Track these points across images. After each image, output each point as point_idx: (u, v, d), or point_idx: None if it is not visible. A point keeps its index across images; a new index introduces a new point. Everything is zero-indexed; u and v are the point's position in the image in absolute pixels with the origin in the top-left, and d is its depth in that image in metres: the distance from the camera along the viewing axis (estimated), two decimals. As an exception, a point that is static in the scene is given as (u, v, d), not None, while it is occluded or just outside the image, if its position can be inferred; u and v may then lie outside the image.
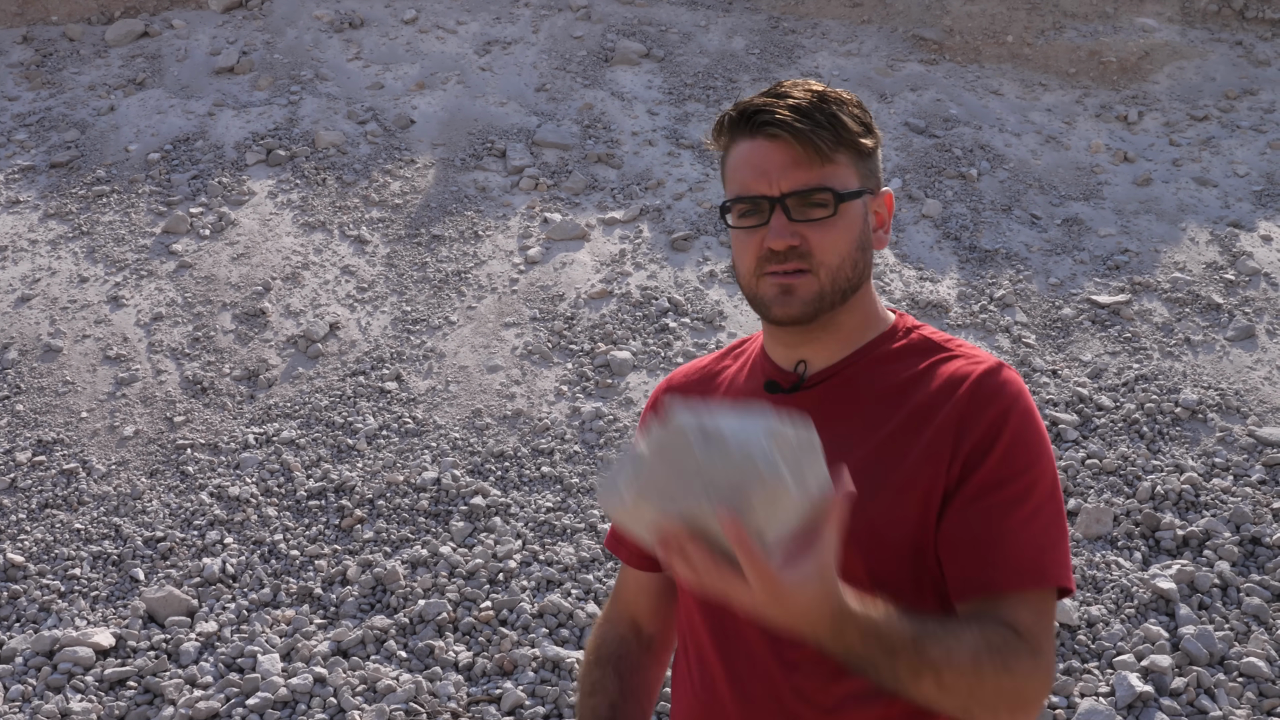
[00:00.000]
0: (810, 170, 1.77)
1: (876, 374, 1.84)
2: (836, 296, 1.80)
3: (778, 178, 1.77)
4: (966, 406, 1.75)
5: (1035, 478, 1.73)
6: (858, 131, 1.81)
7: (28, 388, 6.33)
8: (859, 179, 1.82)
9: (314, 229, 7.43)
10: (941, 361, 1.83)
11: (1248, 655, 4.77)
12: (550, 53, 9.06)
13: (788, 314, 1.80)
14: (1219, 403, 6.19)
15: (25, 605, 5.19)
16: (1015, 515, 1.71)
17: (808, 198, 1.77)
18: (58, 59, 8.95)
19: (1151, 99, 8.91)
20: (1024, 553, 1.70)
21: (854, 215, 1.81)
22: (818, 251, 1.78)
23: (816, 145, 1.76)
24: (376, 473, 5.82)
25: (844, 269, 1.80)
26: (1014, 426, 1.74)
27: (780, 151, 1.78)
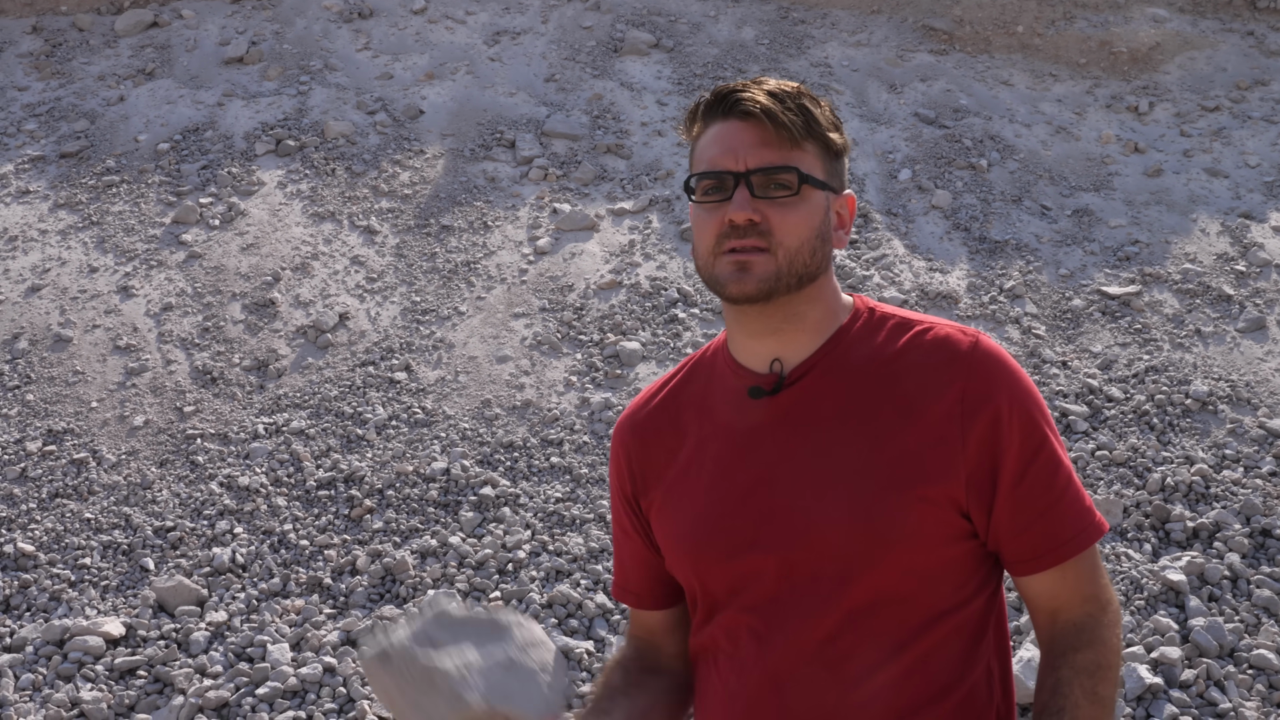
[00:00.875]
0: (778, 150, 1.80)
1: (855, 358, 1.86)
2: (792, 279, 1.81)
3: (744, 155, 1.80)
4: (965, 384, 1.79)
5: (1051, 440, 1.83)
6: (827, 126, 1.84)
7: (38, 377, 6.34)
8: (824, 173, 1.85)
9: (323, 219, 7.43)
10: (919, 337, 1.85)
11: (1258, 647, 4.76)
12: (559, 43, 9.05)
13: (743, 290, 1.79)
14: (1229, 394, 6.18)
15: (36, 594, 5.20)
16: (1055, 486, 1.82)
17: (773, 175, 1.79)
18: (67, 49, 8.96)
19: (1162, 89, 8.88)
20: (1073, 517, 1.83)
21: (816, 203, 1.83)
22: (778, 230, 1.79)
23: (787, 128, 1.79)
24: (386, 463, 5.82)
25: (802, 252, 1.81)
26: (1021, 398, 1.81)
27: (750, 131, 1.80)
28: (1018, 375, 1.82)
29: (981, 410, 1.77)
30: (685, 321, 6.65)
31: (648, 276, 6.99)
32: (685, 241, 7.27)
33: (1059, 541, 1.81)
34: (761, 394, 1.86)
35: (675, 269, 7.06)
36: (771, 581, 1.83)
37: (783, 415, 1.85)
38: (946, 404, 1.78)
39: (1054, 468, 1.81)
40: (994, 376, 1.80)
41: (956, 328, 1.86)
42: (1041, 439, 1.80)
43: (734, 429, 1.89)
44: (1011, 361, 1.84)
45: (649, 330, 6.61)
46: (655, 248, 7.21)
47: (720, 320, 6.70)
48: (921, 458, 1.77)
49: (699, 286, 6.91)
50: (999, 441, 1.77)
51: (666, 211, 7.51)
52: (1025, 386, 1.82)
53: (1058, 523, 1.81)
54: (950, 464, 1.77)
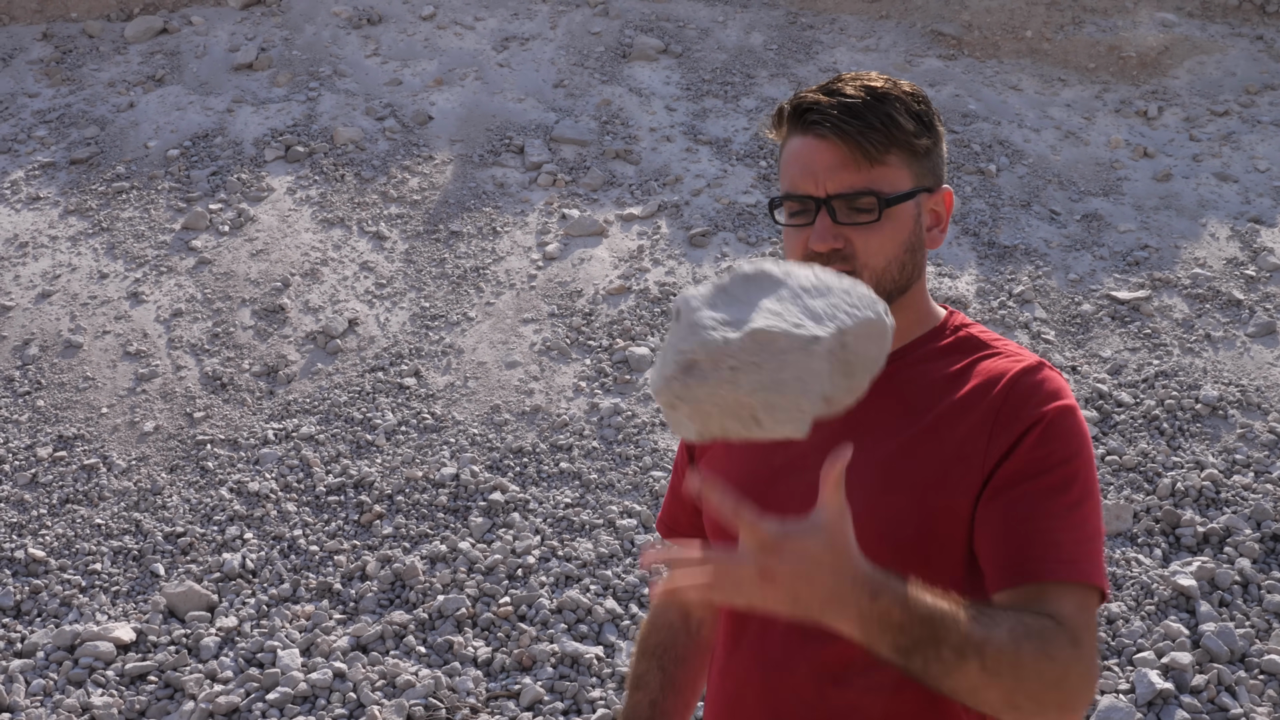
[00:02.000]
0: (857, 172, 1.75)
1: (918, 371, 1.82)
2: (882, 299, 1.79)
3: (824, 179, 1.75)
4: (1003, 404, 1.73)
5: (1075, 470, 1.70)
6: (912, 131, 1.78)
7: (48, 383, 6.36)
8: (913, 178, 1.79)
9: (333, 225, 7.44)
10: (981, 359, 1.81)
11: (1269, 653, 4.75)
12: (568, 49, 9.07)
13: None
14: (1240, 399, 6.17)
15: (47, 600, 5.21)
16: (1056, 505, 1.68)
17: (853, 201, 1.75)
18: (77, 55, 8.99)
19: (1171, 94, 8.88)
20: (1064, 543, 1.67)
21: (903, 218, 1.78)
22: (862, 254, 1.76)
23: (864, 147, 1.74)
24: (395, 468, 5.83)
25: (889, 272, 1.78)
26: (1051, 419, 1.71)
27: (828, 152, 1.75)
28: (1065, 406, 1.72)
29: (1007, 429, 1.71)
30: (694, 327, 6.64)
31: (656, 282, 6.99)
32: (694, 247, 7.27)
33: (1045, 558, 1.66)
34: None
35: (684, 274, 7.06)
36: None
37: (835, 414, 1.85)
38: (980, 424, 1.73)
39: (1063, 493, 1.68)
40: (1032, 400, 1.72)
41: (1022, 354, 1.79)
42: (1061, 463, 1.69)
43: None
44: (1067, 394, 1.74)
45: (658, 336, 6.61)
46: (664, 253, 7.22)
47: (729, 325, 6.70)
48: (942, 470, 1.73)
49: (708, 292, 6.91)
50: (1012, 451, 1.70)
51: (675, 217, 7.51)
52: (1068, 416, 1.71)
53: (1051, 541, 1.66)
54: (967, 478, 1.72)
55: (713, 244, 7.30)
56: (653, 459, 5.85)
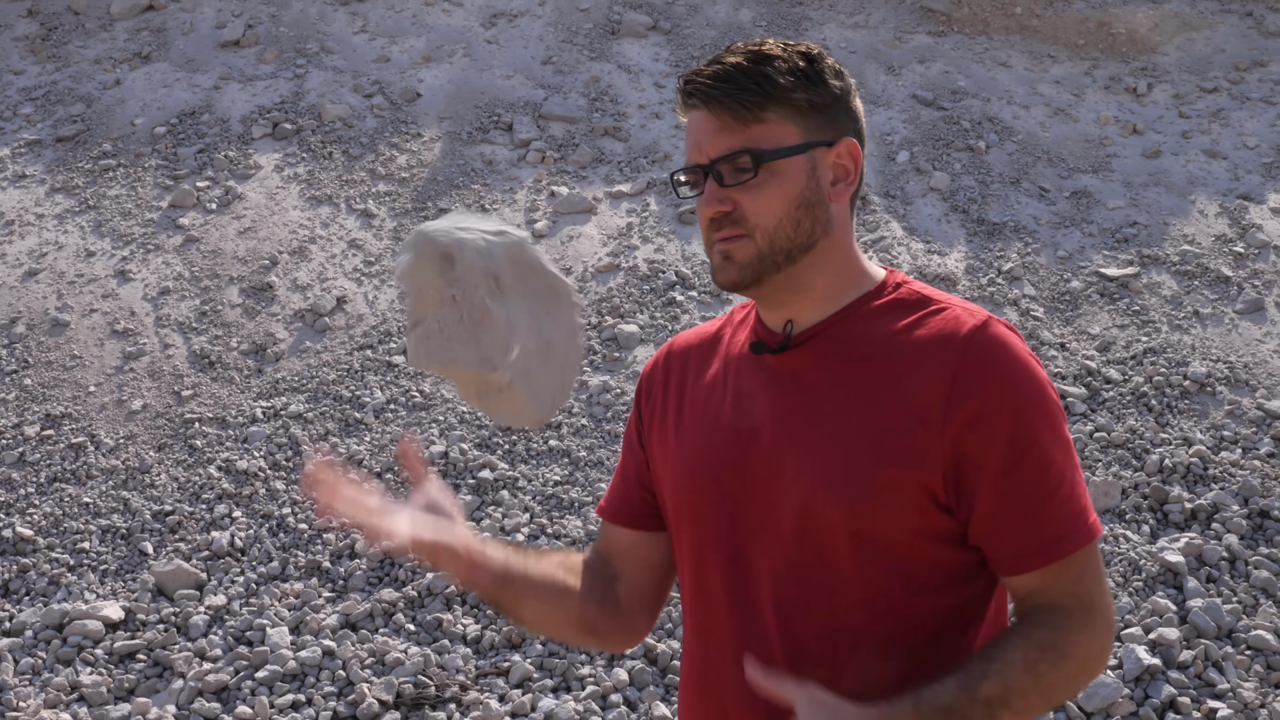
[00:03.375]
0: (733, 134, 1.76)
1: (862, 330, 1.81)
2: (779, 256, 1.78)
3: (705, 146, 1.78)
4: (958, 367, 1.72)
5: (1051, 434, 1.73)
6: (789, 85, 1.77)
7: (35, 362, 6.34)
8: (801, 134, 1.78)
9: (321, 203, 7.42)
10: (928, 316, 1.80)
11: (1256, 628, 4.77)
12: (556, 25, 9.03)
13: (727, 279, 1.80)
14: (1228, 376, 6.18)
15: (35, 579, 5.21)
16: (1046, 483, 1.72)
17: (733, 161, 1.76)
18: (63, 32, 8.93)
19: (1161, 71, 8.87)
20: (1063, 519, 1.73)
21: (790, 173, 1.77)
22: (750, 215, 1.76)
23: (733, 109, 1.75)
24: (384, 446, 5.82)
25: (783, 228, 1.77)
26: (1017, 387, 1.72)
27: (706, 120, 1.78)
28: (1020, 365, 1.74)
29: (969, 398, 1.70)
30: (683, 304, 6.64)
31: (645, 259, 6.98)
32: (683, 224, 7.26)
33: (1043, 544, 1.72)
34: (763, 350, 1.85)
35: (673, 251, 7.05)
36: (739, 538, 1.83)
37: (780, 375, 1.84)
38: (936, 386, 1.72)
39: (1045, 466, 1.72)
40: (991, 363, 1.72)
41: (968, 309, 1.79)
42: (1033, 435, 1.71)
43: (736, 380, 1.89)
44: (1019, 350, 1.75)
45: (647, 313, 6.61)
46: (653, 230, 7.21)
47: (718, 303, 6.70)
48: (899, 438, 1.72)
49: (697, 269, 6.90)
50: (983, 433, 1.70)
51: (664, 194, 7.50)
52: (1026, 377, 1.73)
53: (1043, 524, 1.72)
54: (927, 449, 1.71)
55: (702, 221, 7.29)
56: (642, 436, 5.85)
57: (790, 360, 1.84)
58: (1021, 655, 1.66)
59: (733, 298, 6.71)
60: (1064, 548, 1.72)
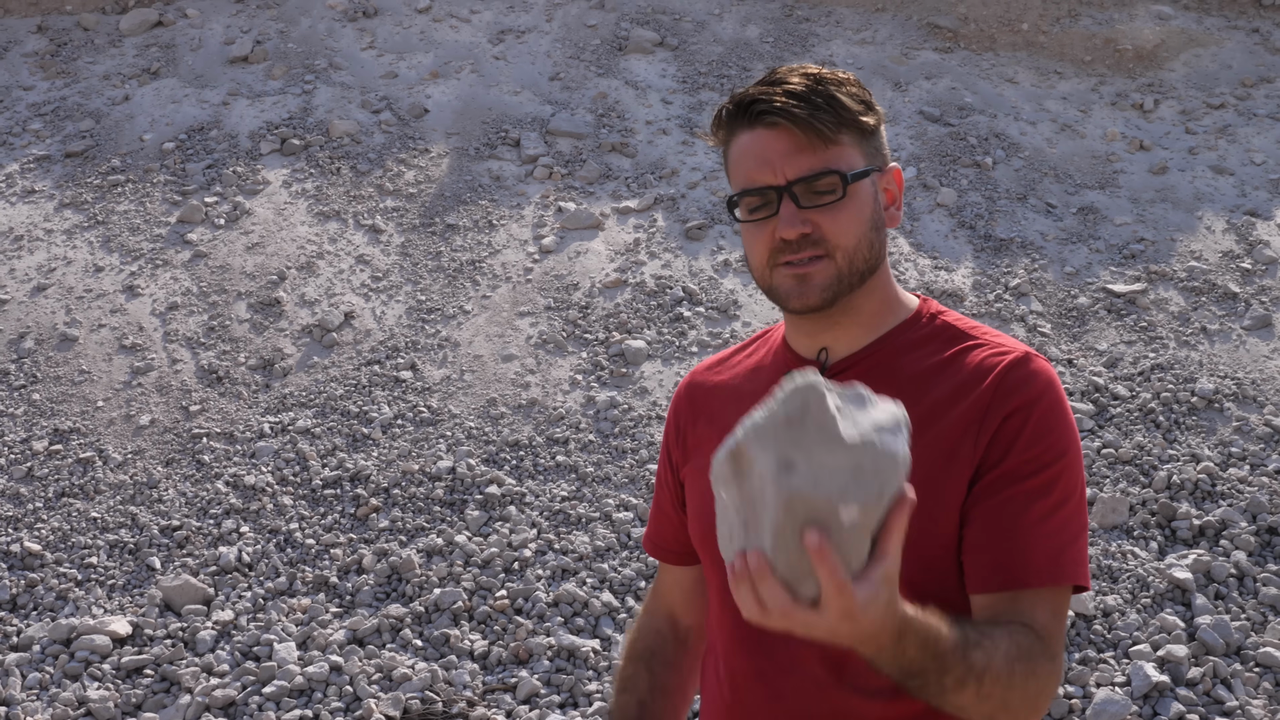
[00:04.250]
0: (814, 154, 1.74)
1: (900, 362, 1.81)
2: (855, 279, 1.77)
3: (782, 166, 1.74)
4: (992, 398, 1.72)
5: (1060, 470, 1.71)
6: (857, 110, 1.77)
7: (44, 377, 6.35)
8: (864, 158, 1.78)
9: (328, 218, 7.43)
10: (967, 350, 1.79)
11: (1264, 645, 4.76)
12: (564, 41, 9.05)
13: (806, 303, 1.77)
14: (1235, 392, 6.17)
15: (42, 594, 5.21)
16: (1036, 509, 1.69)
17: (814, 183, 1.74)
18: (72, 48, 8.97)
19: (1167, 87, 8.87)
20: (1044, 549, 1.69)
21: (864, 195, 1.77)
22: (831, 235, 1.75)
23: (817, 129, 1.73)
24: (392, 462, 5.83)
25: (860, 250, 1.77)
26: (1040, 415, 1.71)
27: (782, 139, 1.74)
28: (1054, 401, 1.72)
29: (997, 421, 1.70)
30: (690, 320, 6.64)
31: (653, 275, 6.99)
32: (690, 240, 7.27)
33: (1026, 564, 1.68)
34: None
35: (680, 267, 7.05)
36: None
37: None
38: (970, 417, 1.72)
39: (1045, 495, 1.69)
40: (1021, 392, 1.71)
41: (1011, 344, 1.78)
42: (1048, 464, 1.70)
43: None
44: (1056, 389, 1.74)
45: (654, 329, 6.61)
46: (660, 246, 7.21)
47: (726, 319, 6.70)
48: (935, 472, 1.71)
49: (704, 285, 6.91)
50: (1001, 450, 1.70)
51: (671, 210, 7.51)
52: (1057, 411, 1.72)
53: (1033, 546, 1.68)
54: (959, 478, 1.71)
55: (709, 237, 7.30)
56: (649, 452, 5.85)
57: None
58: (1006, 649, 1.60)
59: (739, 316, 6.71)
60: (1051, 576, 1.68)
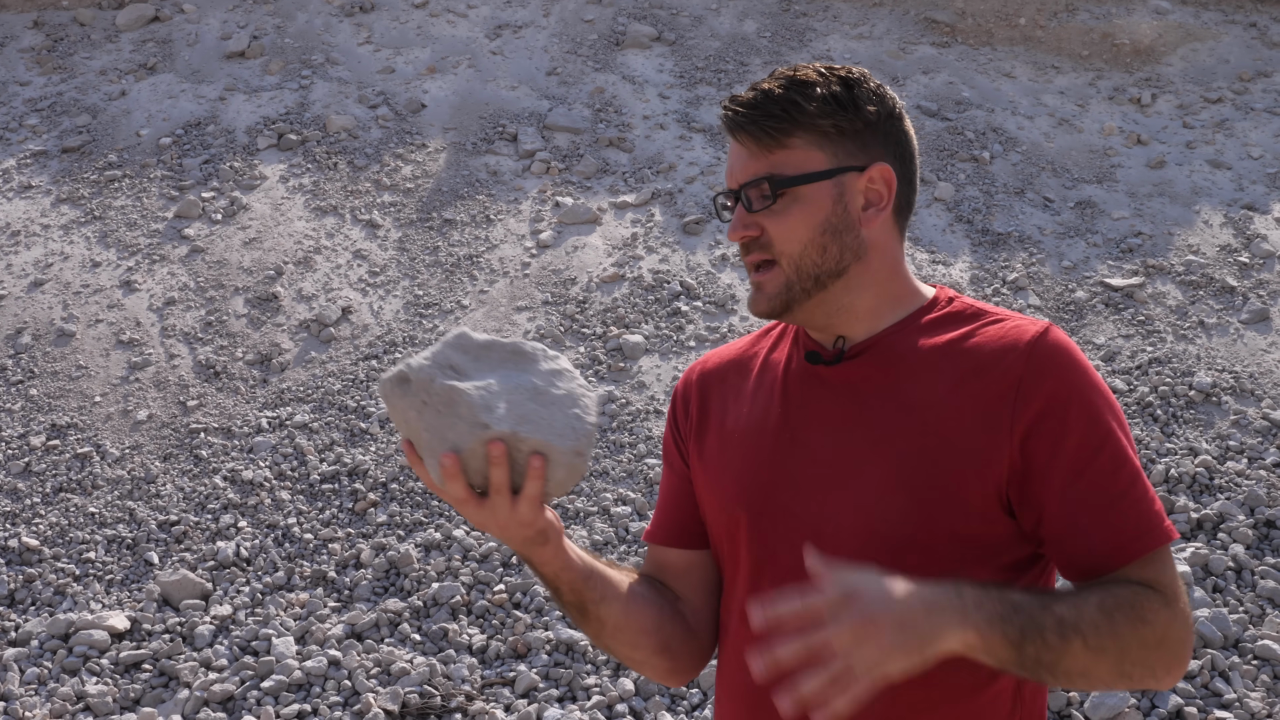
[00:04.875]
0: (757, 161, 1.78)
1: (915, 344, 1.81)
2: (808, 283, 1.78)
3: (736, 172, 1.80)
4: (1024, 370, 1.72)
5: (1118, 437, 1.72)
6: (815, 111, 1.76)
7: (41, 372, 6.34)
8: (829, 159, 1.77)
9: (326, 213, 7.43)
10: (986, 325, 1.79)
11: (1262, 638, 4.76)
12: (561, 36, 9.05)
13: (758, 309, 1.81)
14: (1233, 385, 6.17)
15: (41, 589, 5.21)
16: (1119, 482, 1.70)
17: (756, 188, 1.77)
18: (69, 44, 8.96)
19: (1165, 81, 8.87)
20: (1130, 523, 1.70)
21: (817, 199, 1.76)
22: (776, 240, 1.77)
23: (757, 136, 1.76)
24: (389, 456, 5.82)
25: (809, 255, 1.77)
26: (1084, 390, 1.72)
27: (737, 146, 1.81)
28: (1083, 367, 1.74)
29: (1035, 399, 1.70)
30: (688, 314, 6.64)
31: (650, 269, 6.98)
32: (688, 235, 7.27)
33: (1118, 545, 1.69)
34: (818, 359, 1.84)
35: (678, 262, 7.05)
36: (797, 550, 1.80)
37: (835, 386, 1.83)
38: (1001, 390, 1.71)
39: (1118, 465, 1.70)
40: (1055, 365, 1.72)
41: (1029, 320, 1.78)
42: (1105, 434, 1.71)
43: (784, 393, 1.87)
44: (1080, 356, 1.75)
45: (652, 323, 6.61)
46: (658, 240, 7.21)
47: (723, 313, 6.70)
48: (964, 441, 1.71)
49: (701, 279, 6.91)
50: (1051, 434, 1.70)
51: (669, 204, 7.50)
52: (1090, 379, 1.73)
53: (1119, 525, 1.69)
54: (993, 452, 1.71)
55: (706, 231, 7.30)
56: (646, 446, 5.85)
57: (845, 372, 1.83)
58: (1099, 601, 1.62)
59: (737, 310, 6.71)
60: (1144, 544, 1.70)
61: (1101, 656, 1.61)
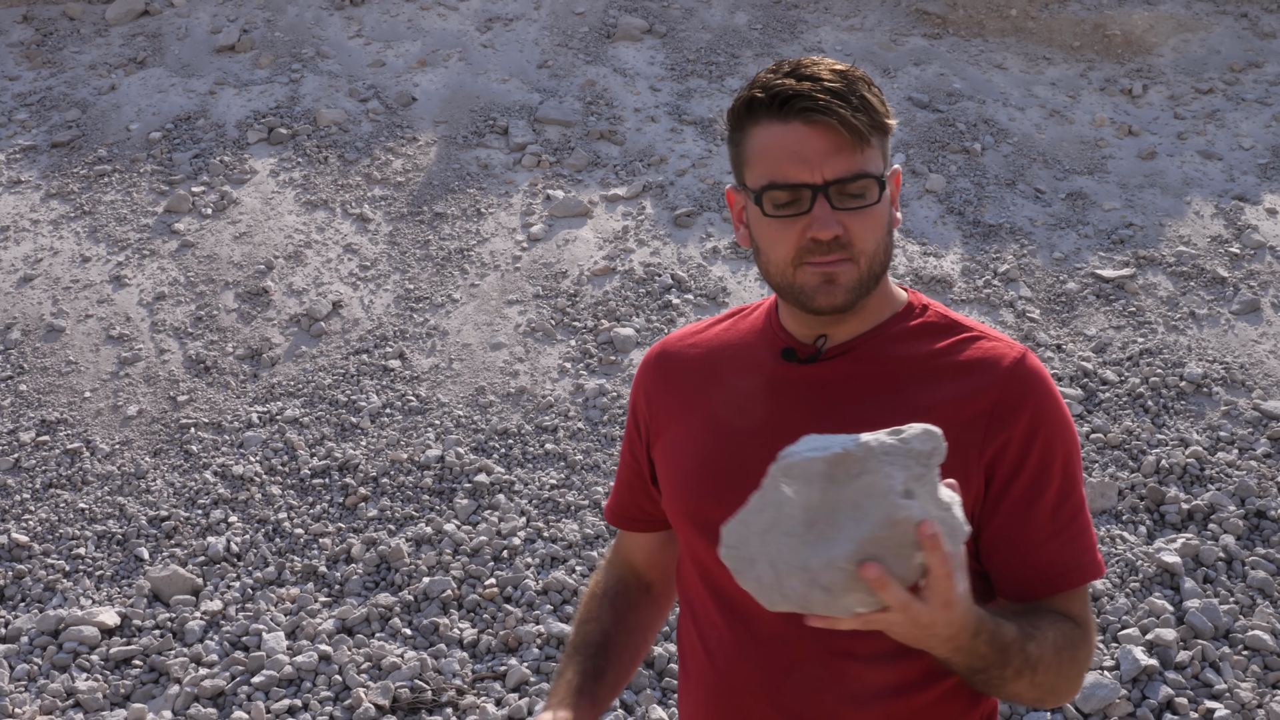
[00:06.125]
0: (851, 157, 1.71)
1: (895, 350, 1.82)
2: (872, 283, 1.77)
3: (820, 165, 1.70)
4: (999, 397, 1.75)
5: (1070, 471, 1.78)
6: (883, 113, 1.76)
7: (31, 368, 6.33)
8: (883, 160, 1.77)
9: (316, 207, 7.41)
10: (963, 344, 1.81)
11: (1253, 629, 4.77)
12: (552, 29, 9.03)
13: (832, 304, 1.75)
14: (1224, 376, 6.18)
15: (30, 585, 5.20)
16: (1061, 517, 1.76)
17: (847, 186, 1.71)
18: (58, 38, 8.93)
19: (1156, 72, 8.87)
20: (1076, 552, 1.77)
21: (885, 200, 1.77)
22: (858, 240, 1.73)
23: (859, 130, 1.70)
24: (380, 451, 5.82)
25: (879, 255, 1.77)
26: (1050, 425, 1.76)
27: (820, 137, 1.70)
28: (1053, 399, 1.78)
29: (1007, 427, 1.73)
30: (679, 307, 6.64)
31: (641, 263, 6.98)
32: (679, 228, 7.26)
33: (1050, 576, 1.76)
34: (793, 357, 1.84)
35: (669, 255, 7.04)
36: None
37: (805, 384, 1.83)
38: (975, 411, 1.74)
39: (1063, 500, 1.76)
40: (1029, 397, 1.75)
41: (1006, 341, 1.81)
42: (1060, 469, 1.76)
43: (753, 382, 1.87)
44: (1051, 384, 1.79)
45: (643, 316, 6.60)
46: (649, 234, 7.20)
47: (715, 305, 6.69)
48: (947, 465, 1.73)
49: (693, 272, 6.90)
50: (1012, 459, 1.73)
51: (660, 197, 7.50)
52: (1057, 411, 1.77)
53: (1054, 559, 1.76)
54: (962, 472, 1.73)
55: (697, 224, 7.29)
56: (638, 440, 5.84)
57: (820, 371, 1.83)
58: (1055, 638, 1.70)
59: (728, 303, 6.70)
60: (1075, 577, 1.77)
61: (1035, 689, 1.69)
